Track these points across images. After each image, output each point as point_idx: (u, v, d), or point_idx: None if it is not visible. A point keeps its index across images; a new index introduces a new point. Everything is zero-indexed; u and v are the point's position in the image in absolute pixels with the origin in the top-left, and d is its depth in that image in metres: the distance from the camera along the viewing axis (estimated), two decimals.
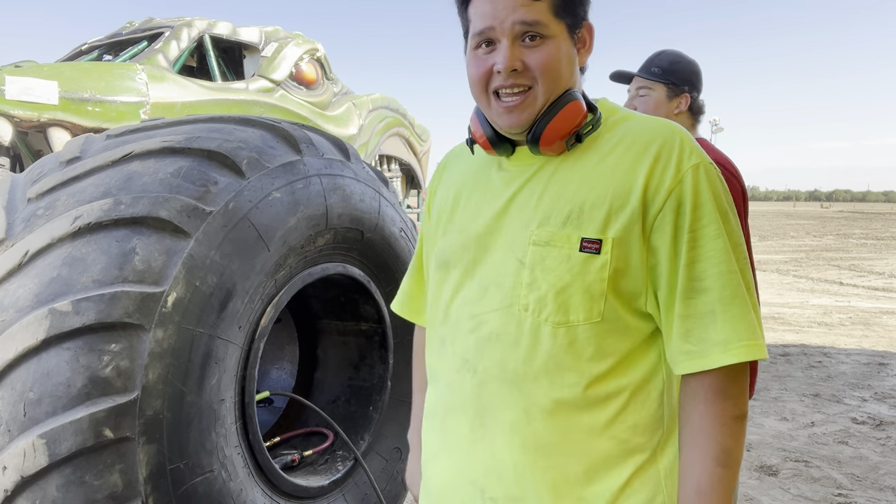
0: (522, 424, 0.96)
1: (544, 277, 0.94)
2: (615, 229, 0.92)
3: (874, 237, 25.75)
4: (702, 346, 0.89)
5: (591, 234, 0.92)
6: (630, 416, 0.96)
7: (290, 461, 1.95)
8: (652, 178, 0.92)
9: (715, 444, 0.89)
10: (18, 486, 1.22)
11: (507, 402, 0.97)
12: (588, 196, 0.94)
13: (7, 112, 3.24)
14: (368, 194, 1.97)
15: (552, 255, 0.94)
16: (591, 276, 0.92)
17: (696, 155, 0.94)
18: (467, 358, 1.01)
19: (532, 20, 0.94)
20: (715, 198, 0.93)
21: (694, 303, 0.90)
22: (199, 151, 1.54)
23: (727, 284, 0.90)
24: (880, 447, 4.01)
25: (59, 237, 1.35)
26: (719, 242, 0.91)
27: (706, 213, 0.92)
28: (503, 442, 0.97)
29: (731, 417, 0.90)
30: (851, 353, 6.49)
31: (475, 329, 1.00)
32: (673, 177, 0.92)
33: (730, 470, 0.90)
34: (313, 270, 1.84)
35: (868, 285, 11.70)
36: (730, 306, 0.89)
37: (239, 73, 4.81)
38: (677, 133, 0.96)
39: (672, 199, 0.91)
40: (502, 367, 0.97)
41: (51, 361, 1.25)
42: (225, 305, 1.48)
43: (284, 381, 2.36)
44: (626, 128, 0.99)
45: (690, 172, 0.92)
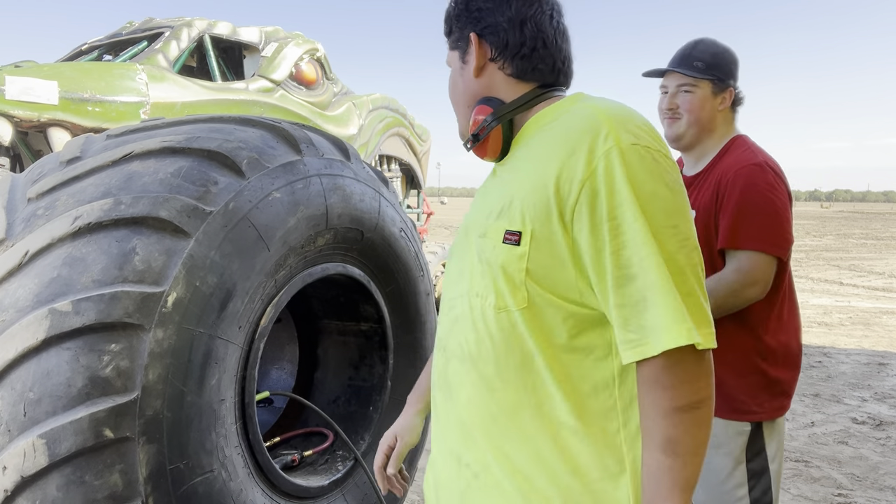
0: (477, 400, 1.04)
1: (486, 266, 1.02)
2: (532, 222, 0.96)
3: (874, 237, 25.74)
4: (640, 335, 0.89)
5: (512, 226, 0.98)
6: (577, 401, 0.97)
7: (290, 461, 1.95)
8: (564, 170, 0.93)
9: (658, 433, 0.89)
10: (18, 486, 1.22)
11: (465, 380, 1.06)
12: (517, 190, 1.01)
13: (7, 112, 3.24)
14: (368, 194, 1.97)
15: (487, 246, 1.02)
16: (512, 265, 0.98)
17: (614, 138, 0.92)
18: (441, 337, 1.13)
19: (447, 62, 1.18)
20: (632, 180, 0.90)
21: (625, 291, 0.90)
22: (199, 151, 1.54)
23: (651, 269, 0.88)
24: (880, 447, 4.01)
25: (60, 237, 1.35)
26: (638, 226, 0.89)
27: (623, 198, 0.89)
28: (466, 415, 1.06)
29: (673, 408, 0.88)
30: (851, 353, 6.49)
31: (448, 312, 1.12)
32: (585, 167, 0.92)
33: (679, 459, 0.88)
34: (313, 270, 1.84)
35: (868, 285, 11.70)
36: (658, 292, 0.88)
37: (239, 73, 4.82)
38: (598, 118, 0.95)
39: (586, 190, 0.91)
40: (461, 347, 1.06)
41: (51, 361, 1.25)
42: (225, 305, 1.48)
43: (284, 381, 2.36)
44: (562, 120, 1.02)
45: (603, 159, 0.91)
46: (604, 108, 0.97)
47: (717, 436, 1.77)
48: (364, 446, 2.12)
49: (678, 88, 1.86)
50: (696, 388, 0.88)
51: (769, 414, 1.79)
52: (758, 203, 1.70)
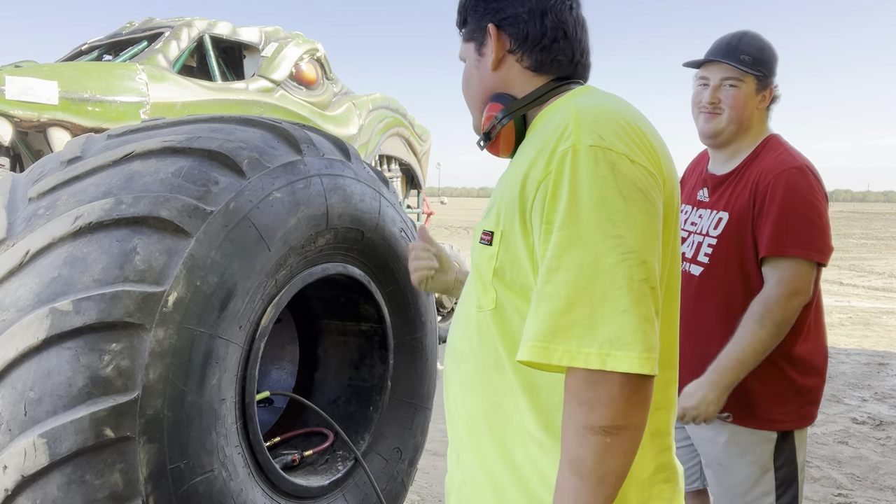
0: (460, 398, 1.05)
1: (472, 267, 1.04)
2: (503, 222, 0.95)
3: (874, 237, 25.73)
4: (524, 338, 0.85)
5: (488, 226, 0.99)
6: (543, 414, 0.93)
7: (290, 461, 1.95)
8: (532, 170, 0.90)
9: (568, 449, 0.83)
10: (19, 486, 1.22)
11: (453, 377, 1.07)
12: (499, 191, 1.00)
13: (7, 112, 3.24)
14: (369, 194, 1.97)
15: (473, 245, 1.03)
16: (483, 265, 0.98)
17: (574, 138, 0.86)
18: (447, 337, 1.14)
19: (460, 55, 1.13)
20: (575, 184, 0.83)
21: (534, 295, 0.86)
22: (199, 151, 1.54)
23: (549, 280, 0.83)
24: (880, 447, 4.01)
25: (60, 237, 1.35)
26: (560, 235, 0.83)
27: (560, 202, 0.84)
28: (457, 413, 1.07)
29: (584, 426, 0.81)
30: (851, 353, 6.49)
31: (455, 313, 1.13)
32: (544, 167, 0.88)
33: (584, 482, 0.81)
34: (314, 270, 1.84)
35: (868, 285, 11.70)
36: (541, 301, 0.83)
37: (239, 73, 4.82)
38: (570, 117, 0.90)
39: (541, 190, 0.87)
40: (452, 345, 1.08)
41: (51, 361, 1.25)
42: (226, 305, 1.48)
43: (284, 381, 2.36)
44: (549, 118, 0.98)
45: (558, 159, 0.86)
46: (581, 106, 0.92)
47: (743, 443, 1.74)
48: (364, 446, 2.12)
49: (722, 81, 1.75)
50: (615, 412, 0.80)
51: (796, 423, 1.75)
52: (800, 208, 1.65)
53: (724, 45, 1.77)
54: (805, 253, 1.64)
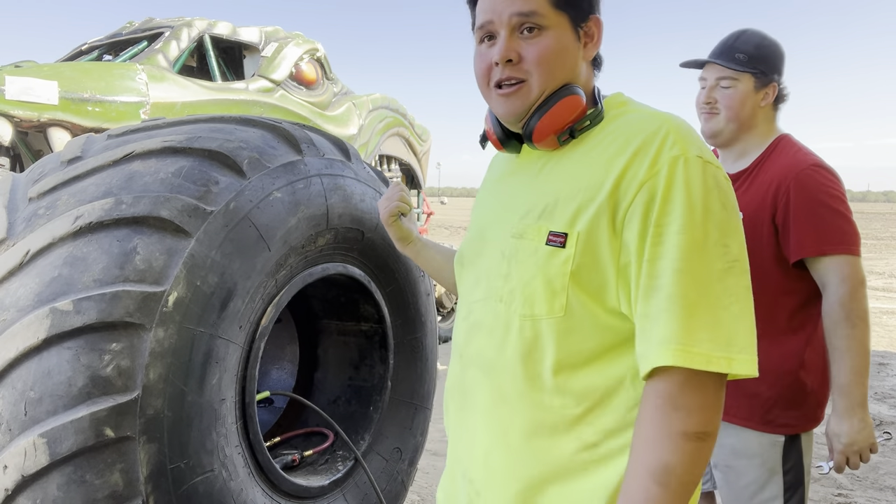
0: (491, 410, 0.99)
1: (516, 269, 0.96)
2: (582, 223, 0.90)
3: (874, 237, 25.73)
4: (646, 347, 0.84)
5: (558, 227, 0.92)
6: (598, 419, 0.91)
7: (290, 461, 1.95)
8: (627, 172, 0.88)
9: (654, 458, 0.81)
10: (19, 486, 1.22)
11: (481, 388, 1.00)
12: (563, 190, 0.94)
13: (7, 112, 3.24)
14: (369, 194, 1.97)
15: (523, 247, 0.95)
16: (554, 269, 0.91)
17: (681, 146, 0.88)
18: (458, 344, 1.07)
19: (528, 10, 0.94)
20: (690, 191, 0.85)
21: (650, 302, 0.85)
22: (200, 151, 1.54)
23: (679, 283, 0.83)
24: (880, 447, 4.02)
25: (61, 237, 1.35)
26: (682, 238, 0.84)
27: (675, 206, 0.85)
28: (477, 425, 1.01)
29: (680, 432, 0.80)
30: None
31: (466, 317, 1.06)
32: (647, 169, 0.87)
33: (669, 492, 0.79)
34: (314, 270, 1.84)
35: (868, 285, 11.69)
36: (674, 305, 0.82)
37: (239, 73, 4.81)
38: (666, 124, 0.91)
39: (643, 192, 0.87)
40: (480, 354, 1.01)
41: (52, 360, 1.25)
42: (226, 305, 1.48)
43: (285, 381, 2.36)
44: (621, 121, 0.96)
45: (667, 164, 0.86)
46: (669, 117, 0.93)
47: (752, 446, 1.73)
48: (364, 446, 2.12)
49: (717, 82, 1.75)
50: (708, 417, 0.81)
51: (804, 426, 1.74)
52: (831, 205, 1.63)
53: (721, 45, 1.77)
54: (848, 248, 1.63)
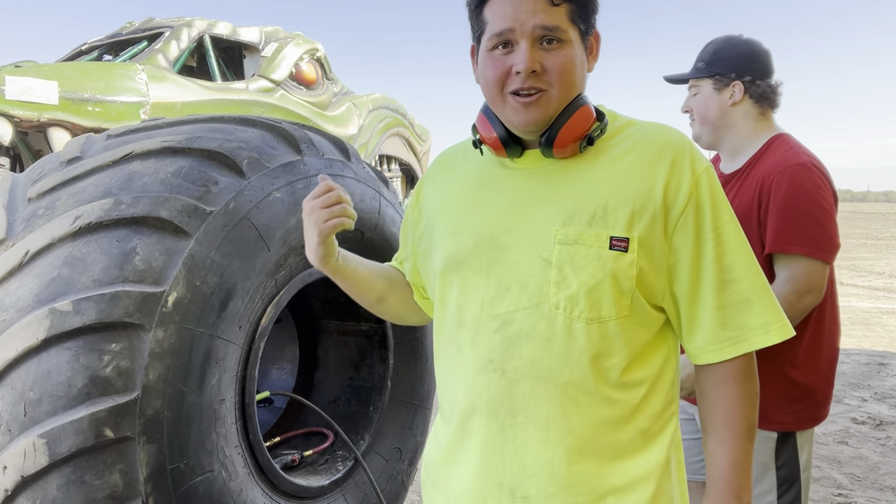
0: (559, 420, 0.98)
1: (575, 275, 0.96)
2: (639, 229, 0.97)
3: (874, 237, 25.74)
4: (741, 332, 0.98)
5: (618, 232, 0.97)
6: (649, 404, 1.02)
7: (290, 461, 1.95)
8: (671, 182, 0.98)
9: (745, 421, 1.00)
10: (19, 486, 1.22)
11: (542, 399, 0.98)
12: (611, 197, 0.98)
13: (7, 112, 3.24)
14: (369, 194, 1.97)
15: (581, 253, 0.96)
16: (622, 272, 0.96)
17: (700, 160, 1.01)
18: (492, 358, 1.01)
19: (552, 25, 0.97)
20: (724, 199, 1.02)
21: (727, 293, 0.98)
22: (199, 151, 1.54)
23: (756, 274, 0.99)
24: (880, 447, 4.01)
25: (60, 237, 1.35)
26: (740, 238, 1.00)
27: (724, 212, 1.00)
28: (538, 440, 0.98)
29: (755, 394, 1.01)
30: (851, 353, 6.49)
31: (500, 329, 1.00)
32: (690, 180, 0.99)
33: (752, 443, 1.01)
34: (313, 270, 1.84)
35: (868, 285, 11.69)
36: (762, 293, 0.99)
37: (239, 73, 4.81)
38: (684, 137, 1.04)
39: (693, 201, 0.98)
40: (535, 365, 0.98)
41: (51, 361, 1.25)
42: (225, 305, 1.48)
43: (284, 381, 2.36)
44: (636, 132, 1.04)
45: (705, 176, 1.00)
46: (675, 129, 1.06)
47: None
48: (364, 446, 2.12)
49: (689, 92, 1.91)
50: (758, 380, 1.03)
51: (797, 424, 1.75)
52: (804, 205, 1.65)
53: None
54: (810, 251, 1.63)
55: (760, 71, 1.81)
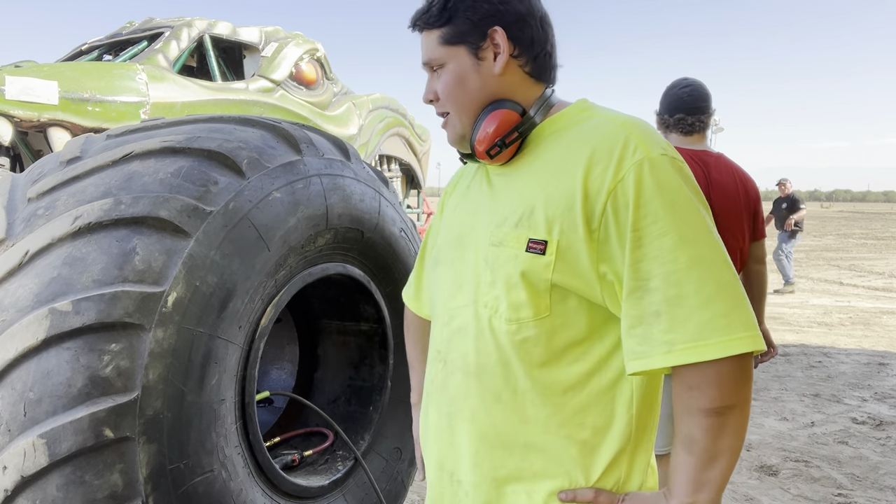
0: (481, 414, 1.01)
1: (499, 276, 0.99)
2: (559, 231, 0.93)
3: (874, 237, 25.74)
4: (647, 347, 0.88)
5: (538, 234, 0.95)
6: (588, 414, 0.96)
7: (290, 461, 1.95)
8: (592, 179, 0.91)
9: (683, 431, 0.90)
10: (19, 486, 1.22)
11: (469, 392, 1.03)
12: (538, 197, 0.97)
13: (7, 112, 3.24)
14: (369, 194, 1.97)
15: (504, 254, 0.99)
16: (535, 274, 0.95)
17: (644, 149, 0.91)
18: (440, 349, 1.09)
19: (428, 57, 1.06)
20: (663, 193, 0.88)
21: (641, 303, 0.88)
22: (199, 151, 1.54)
23: (673, 284, 0.86)
24: (880, 447, 4.01)
25: (60, 237, 1.35)
26: (666, 241, 0.87)
27: (651, 210, 0.88)
28: (464, 430, 1.03)
29: (696, 409, 0.87)
30: (851, 353, 6.49)
31: (448, 323, 1.08)
32: (613, 176, 0.90)
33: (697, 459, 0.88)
34: (313, 270, 1.84)
35: (868, 285, 11.69)
36: (674, 307, 0.86)
37: (239, 73, 4.81)
38: (625, 128, 0.94)
39: (612, 199, 0.90)
40: (465, 360, 1.03)
41: (51, 361, 1.25)
42: (225, 305, 1.48)
43: (284, 381, 2.36)
44: (580, 128, 0.99)
45: (633, 169, 0.89)
46: (628, 120, 0.96)
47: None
48: (364, 446, 2.12)
49: None
50: (725, 392, 0.86)
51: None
52: None
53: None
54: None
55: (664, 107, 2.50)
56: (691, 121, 2.45)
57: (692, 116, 2.45)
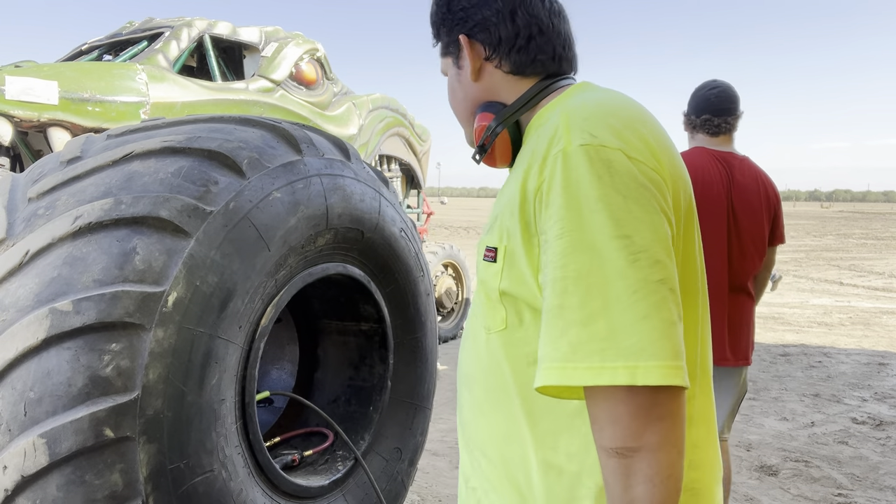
0: (472, 425, 1.00)
1: (478, 285, 0.98)
2: (506, 237, 0.88)
3: (874, 237, 25.74)
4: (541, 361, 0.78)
5: (491, 242, 0.91)
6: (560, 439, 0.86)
7: (290, 461, 1.95)
8: (529, 179, 0.85)
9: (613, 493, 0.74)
10: (19, 486, 1.22)
11: (463, 402, 1.03)
12: (499, 205, 0.95)
13: (7, 112, 3.24)
14: (369, 194, 1.97)
15: (478, 262, 0.97)
16: (488, 283, 0.91)
17: (566, 139, 0.81)
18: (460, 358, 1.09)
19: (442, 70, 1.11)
20: (567, 190, 0.77)
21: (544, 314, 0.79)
22: (199, 151, 1.54)
23: (558, 293, 0.76)
24: (880, 447, 4.01)
25: (60, 237, 1.35)
26: (559, 245, 0.77)
27: (554, 210, 0.78)
28: (463, 438, 1.04)
29: (599, 446, 0.75)
30: (851, 353, 6.49)
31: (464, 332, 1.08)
32: (539, 174, 0.82)
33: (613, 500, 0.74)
34: (313, 270, 1.84)
35: (868, 285, 11.69)
36: (554, 318, 0.76)
37: (239, 73, 4.81)
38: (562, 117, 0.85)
39: (538, 200, 0.82)
40: (461, 367, 1.04)
41: (51, 361, 1.25)
42: (225, 305, 1.48)
43: (284, 381, 2.35)
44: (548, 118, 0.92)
45: (550, 164, 0.81)
46: (572, 106, 0.86)
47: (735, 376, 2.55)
48: (364, 446, 2.12)
49: None
50: (624, 433, 0.72)
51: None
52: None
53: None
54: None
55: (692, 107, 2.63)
56: (718, 122, 2.49)
57: (719, 118, 2.49)
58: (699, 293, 0.92)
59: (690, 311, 0.89)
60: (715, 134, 2.53)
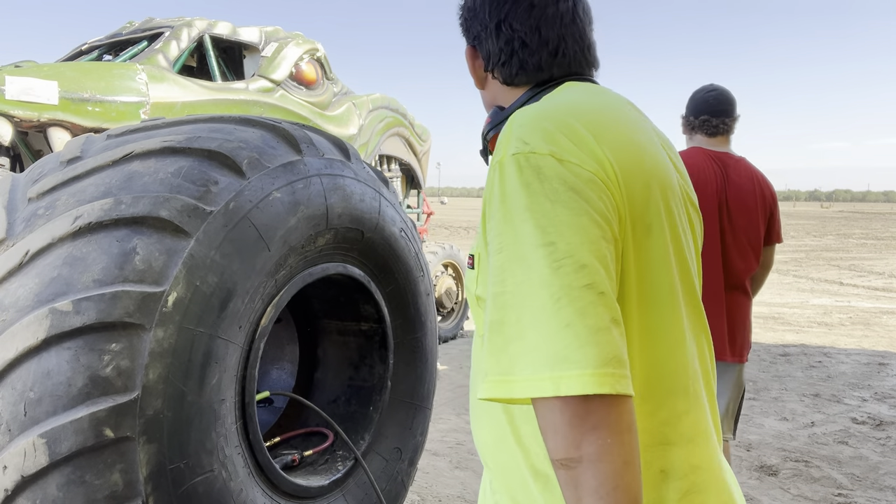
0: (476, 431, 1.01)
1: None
2: (480, 244, 0.88)
3: (874, 237, 25.74)
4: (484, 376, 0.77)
5: (473, 249, 0.94)
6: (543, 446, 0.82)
7: (290, 461, 1.95)
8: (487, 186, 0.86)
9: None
10: (19, 486, 1.22)
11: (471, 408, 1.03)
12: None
13: (7, 112, 3.24)
14: (369, 194, 1.97)
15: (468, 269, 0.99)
16: (470, 289, 0.94)
17: (502, 150, 0.81)
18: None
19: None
20: (503, 198, 0.77)
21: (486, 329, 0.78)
22: (199, 151, 1.54)
23: (498, 308, 0.75)
24: (880, 447, 4.01)
25: (60, 237, 1.35)
26: (497, 259, 0.76)
27: (495, 222, 0.78)
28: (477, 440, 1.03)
29: (550, 459, 0.72)
30: (851, 353, 6.49)
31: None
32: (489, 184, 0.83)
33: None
34: (314, 270, 1.84)
35: (868, 285, 11.70)
36: (494, 333, 0.75)
37: (239, 73, 4.81)
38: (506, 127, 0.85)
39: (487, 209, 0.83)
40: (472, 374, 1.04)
41: (51, 361, 1.25)
42: (225, 305, 1.48)
43: (284, 381, 2.35)
44: None
45: (489, 174, 0.82)
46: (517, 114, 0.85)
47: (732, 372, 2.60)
48: (364, 446, 2.12)
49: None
50: (558, 443, 0.70)
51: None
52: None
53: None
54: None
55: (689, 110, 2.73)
56: (715, 122, 2.58)
57: (716, 118, 2.58)
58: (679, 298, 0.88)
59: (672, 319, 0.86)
60: (713, 135, 2.60)
